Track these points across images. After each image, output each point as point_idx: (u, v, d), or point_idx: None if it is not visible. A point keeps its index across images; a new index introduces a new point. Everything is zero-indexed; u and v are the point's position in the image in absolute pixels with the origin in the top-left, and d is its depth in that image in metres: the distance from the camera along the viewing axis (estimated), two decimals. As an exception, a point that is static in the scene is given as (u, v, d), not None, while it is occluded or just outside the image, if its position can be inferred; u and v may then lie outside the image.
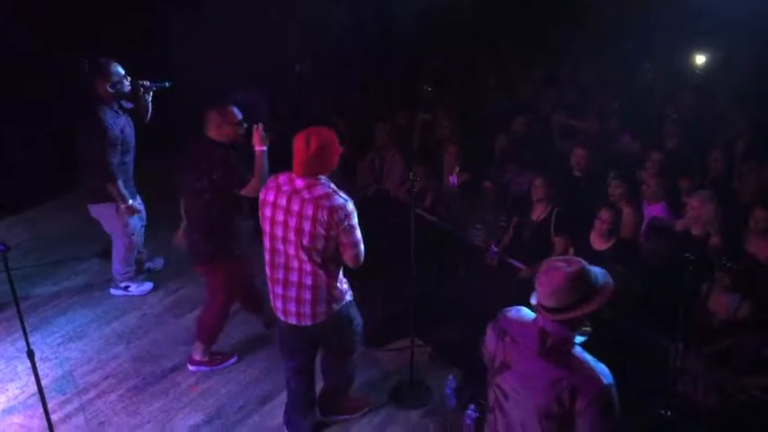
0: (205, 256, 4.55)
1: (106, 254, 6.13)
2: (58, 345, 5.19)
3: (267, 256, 3.66)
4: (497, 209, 5.89)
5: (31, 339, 3.77)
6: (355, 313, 3.91)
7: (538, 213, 5.54)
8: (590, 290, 2.49)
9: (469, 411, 4.17)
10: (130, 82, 5.21)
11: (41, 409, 3.88)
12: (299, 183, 3.47)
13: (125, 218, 5.40)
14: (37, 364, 3.78)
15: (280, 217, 3.50)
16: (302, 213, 3.43)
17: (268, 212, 3.56)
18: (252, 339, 5.16)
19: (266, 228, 3.60)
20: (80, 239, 6.53)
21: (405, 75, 9.33)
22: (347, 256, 3.57)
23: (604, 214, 5.01)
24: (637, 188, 5.64)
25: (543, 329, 2.53)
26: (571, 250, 5.20)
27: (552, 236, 5.40)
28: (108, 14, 7.52)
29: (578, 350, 2.53)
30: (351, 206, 3.47)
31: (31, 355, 3.74)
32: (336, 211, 3.40)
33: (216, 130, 4.39)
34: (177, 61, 8.39)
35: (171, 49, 8.61)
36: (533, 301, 2.60)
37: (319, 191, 3.44)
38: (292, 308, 3.66)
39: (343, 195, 3.48)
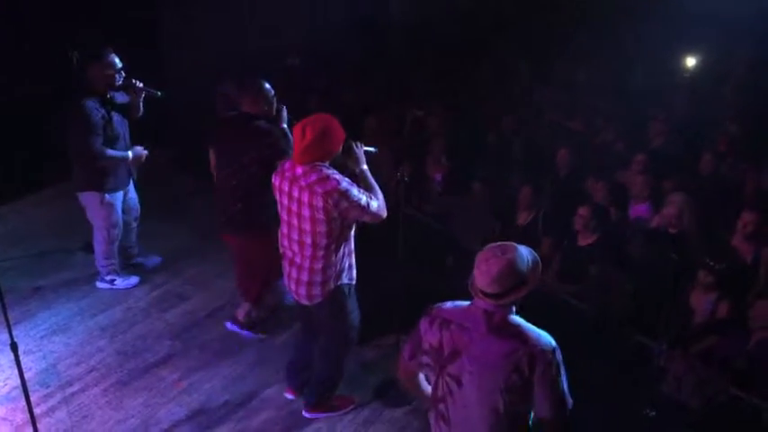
0: (246, 225, 4.60)
1: (90, 247, 6.12)
2: (42, 338, 5.15)
3: (280, 236, 3.87)
4: (486, 210, 5.88)
5: (14, 332, 3.73)
6: (353, 302, 3.98)
7: (524, 217, 5.58)
8: (524, 273, 2.66)
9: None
10: (124, 78, 5.17)
11: (24, 402, 3.84)
12: (298, 170, 3.60)
13: (108, 209, 5.37)
14: (20, 357, 3.74)
15: (285, 201, 3.69)
16: (300, 200, 3.58)
17: (277, 196, 3.77)
18: (238, 335, 5.13)
19: (278, 210, 3.81)
20: (65, 232, 6.47)
21: (398, 70, 9.30)
22: (367, 221, 3.69)
23: (582, 211, 5.10)
24: (616, 188, 5.69)
25: (487, 310, 2.68)
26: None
27: (540, 236, 5.43)
28: (96, 9, 7.47)
29: (519, 320, 2.70)
30: (345, 184, 3.53)
31: (14, 347, 3.70)
32: (331, 195, 3.50)
33: (252, 105, 4.47)
34: (167, 55, 8.35)
35: (161, 44, 8.56)
36: (470, 282, 2.74)
37: (313, 177, 3.54)
38: (293, 286, 3.86)
39: (336, 176, 3.55)
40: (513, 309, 2.71)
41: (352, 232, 3.80)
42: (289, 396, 4.52)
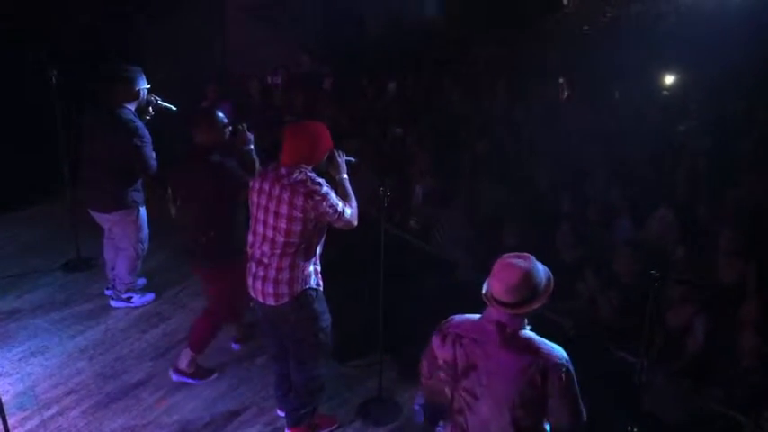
0: (213, 259, 4.54)
1: (70, 267, 6.08)
2: (19, 360, 5.08)
3: (250, 238, 3.88)
4: (467, 225, 5.89)
5: (-10, 354, 3.70)
6: (322, 308, 3.97)
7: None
8: (539, 286, 2.71)
9: (439, 429, 4.16)
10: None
11: (1, 426, 3.78)
12: (282, 171, 3.71)
13: (141, 225, 5.40)
14: (-3, 380, 3.70)
15: (263, 201, 3.74)
16: (281, 198, 3.66)
17: (254, 197, 3.80)
18: (219, 354, 5.09)
19: (252, 211, 3.84)
20: (42, 252, 6.41)
21: (375, 89, 9.34)
22: (339, 227, 3.81)
23: (564, 226, 5.12)
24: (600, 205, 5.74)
25: (499, 321, 2.71)
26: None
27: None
28: (81, 24, 7.46)
29: (531, 333, 2.74)
30: (325, 188, 3.67)
31: (-10, 370, 3.66)
32: (311, 196, 3.61)
33: (205, 136, 4.45)
34: (151, 72, 8.33)
35: (145, 60, 8.55)
36: (484, 290, 2.77)
37: (297, 177, 3.66)
38: (258, 285, 3.85)
39: (319, 179, 3.69)
40: (525, 322, 2.75)
41: (322, 239, 3.87)
42: (280, 413, 4.48)
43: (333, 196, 3.71)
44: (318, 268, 3.92)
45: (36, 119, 5.82)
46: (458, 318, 2.89)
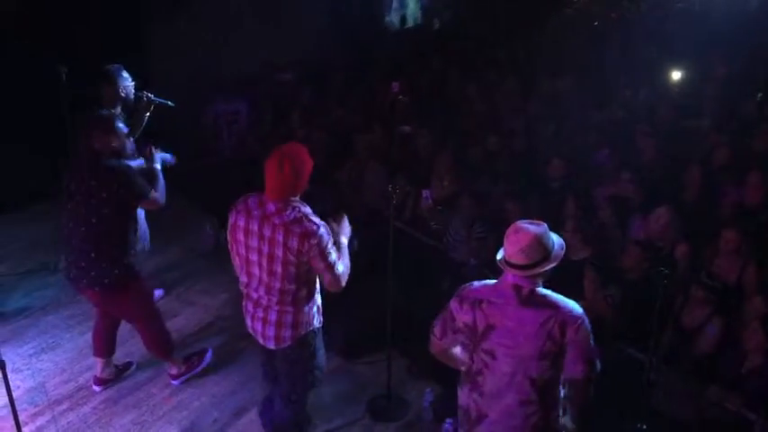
0: (108, 276, 4.19)
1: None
2: (30, 356, 5.11)
3: (244, 279, 3.62)
4: (472, 223, 5.87)
5: (2, 350, 3.73)
6: (320, 344, 3.78)
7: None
8: (550, 249, 2.90)
9: (447, 426, 4.17)
10: (135, 91, 4.99)
11: (12, 421, 3.81)
12: (271, 207, 3.38)
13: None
14: (8, 375, 3.71)
15: (254, 243, 3.44)
16: (273, 239, 3.37)
17: (241, 237, 3.49)
18: (227, 351, 5.12)
19: (241, 251, 3.53)
20: (49, 250, 6.43)
21: (383, 85, 9.34)
22: (325, 282, 3.50)
23: (568, 225, 5.08)
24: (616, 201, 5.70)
25: (515, 284, 2.89)
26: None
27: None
28: (85, 21, 7.47)
29: (547, 291, 2.92)
30: (323, 230, 3.37)
31: (2, 365, 3.67)
32: (307, 238, 3.32)
33: (102, 143, 4.13)
34: (156, 69, 8.35)
35: (150, 58, 8.56)
36: (499, 257, 2.96)
37: (290, 215, 3.35)
38: (258, 327, 3.64)
39: (316, 220, 3.39)
40: (540, 282, 2.91)
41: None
42: None
43: (330, 243, 3.41)
44: (320, 303, 3.70)
45: (45, 115, 5.81)
46: (476, 283, 3.04)
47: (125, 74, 4.97)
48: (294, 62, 9.69)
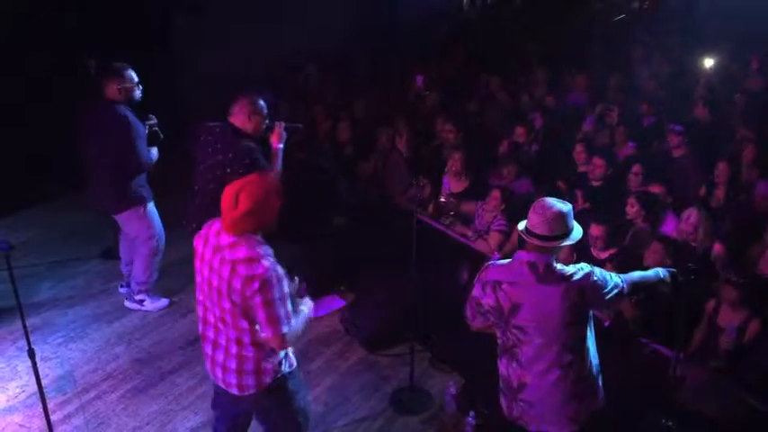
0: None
1: (109, 254, 6.17)
2: (59, 344, 5.19)
3: (200, 311, 3.20)
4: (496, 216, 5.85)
5: (31, 338, 3.77)
6: (296, 387, 3.29)
7: None
8: (570, 228, 3.08)
9: (469, 418, 4.17)
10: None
11: (41, 409, 3.88)
12: (224, 239, 2.97)
13: (150, 219, 5.25)
14: (37, 364, 3.78)
15: (205, 272, 3.06)
16: (220, 273, 2.96)
17: (197, 263, 3.12)
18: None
19: (197, 278, 3.15)
20: (82, 240, 6.55)
21: (406, 79, 9.33)
22: (265, 337, 2.98)
23: (594, 230, 5.03)
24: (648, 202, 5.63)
25: (530, 261, 3.04)
26: (574, 255, 5.21)
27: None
28: (110, 14, 7.54)
29: (559, 264, 3.06)
30: (273, 275, 2.88)
31: (31, 354, 3.74)
32: (251, 282, 2.86)
33: (245, 119, 4.39)
34: (179, 61, 8.42)
35: (173, 50, 8.64)
36: (521, 227, 3.12)
37: (240, 253, 2.91)
38: (219, 373, 3.17)
39: (268, 261, 2.91)
40: (554, 259, 3.05)
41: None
42: None
43: (278, 294, 2.89)
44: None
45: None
46: (492, 265, 3.20)
47: (130, 73, 5.02)
48: (317, 53, 9.69)
